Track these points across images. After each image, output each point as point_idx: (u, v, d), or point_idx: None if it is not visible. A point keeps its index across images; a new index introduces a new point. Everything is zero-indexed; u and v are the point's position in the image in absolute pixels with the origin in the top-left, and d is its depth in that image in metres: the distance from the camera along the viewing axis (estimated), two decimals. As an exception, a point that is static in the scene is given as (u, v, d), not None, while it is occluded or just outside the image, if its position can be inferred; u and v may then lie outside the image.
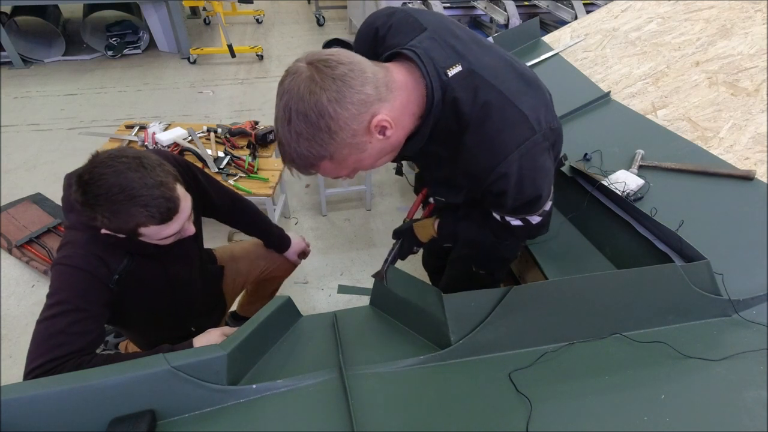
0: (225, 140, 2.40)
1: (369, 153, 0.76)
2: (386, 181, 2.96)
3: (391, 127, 0.73)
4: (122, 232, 0.95)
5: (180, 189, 0.98)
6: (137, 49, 4.67)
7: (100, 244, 0.99)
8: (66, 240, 1.00)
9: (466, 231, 1.08)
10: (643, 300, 0.93)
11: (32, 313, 2.02)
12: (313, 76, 0.68)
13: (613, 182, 1.32)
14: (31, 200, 2.54)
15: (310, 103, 0.68)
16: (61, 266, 0.96)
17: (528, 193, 0.84)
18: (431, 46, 0.79)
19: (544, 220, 0.98)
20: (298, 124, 0.70)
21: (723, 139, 1.35)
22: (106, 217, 0.90)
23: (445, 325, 0.86)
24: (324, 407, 0.78)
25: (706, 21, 1.68)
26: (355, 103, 0.69)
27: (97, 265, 0.98)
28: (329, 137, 0.70)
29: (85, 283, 0.96)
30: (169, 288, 1.17)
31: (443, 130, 0.82)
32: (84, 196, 0.89)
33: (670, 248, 1.14)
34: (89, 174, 0.88)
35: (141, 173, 0.90)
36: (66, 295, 0.94)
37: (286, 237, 1.56)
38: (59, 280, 0.96)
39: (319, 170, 0.77)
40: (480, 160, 0.81)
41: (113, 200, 0.88)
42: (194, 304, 1.29)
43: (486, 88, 0.78)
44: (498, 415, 0.77)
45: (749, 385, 0.81)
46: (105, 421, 0.72)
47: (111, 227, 0.93)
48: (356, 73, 0.69)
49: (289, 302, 0.96)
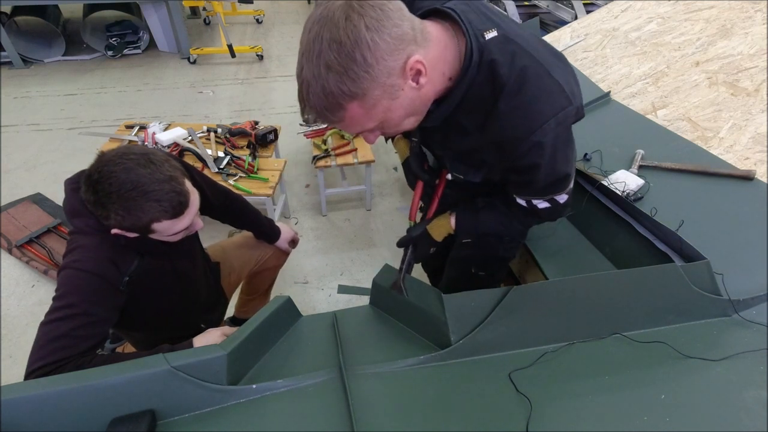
0: (225, 140, 2.40)
1: (400, 102, 0.71)
2: (386, 181, 2.96)
3: (425, 73, 0.69)
4: (136, 228, 0.95)
5: (188, 183, 0.99)
6: (137, 49, 4.67)
7: (110, 246, 0.99)
8: (74, 245, 0.99)
9: (488, 222, 1.05)
10: (643, 300, 0.93)
11: (32, 313, 2.02)
12: (350, 2, 0.62)
13: (613, 182, 1.32)
14: (31, 200, 2.54)
15: (347, 30, 0.61)
16: (70, 270, 0.95)
17: (560, 169, 0.82)
18: (466, 9, 0.77)
19: (570, 199, 0.95)
20: (329, 55, 0.62)
21: (723, 139, 1.35)
22: (120, 215, 0.90)
23: (445, 325, 0.86)
24: (324, 407, 0.78)
25: (706, 21, 1.68)
26: (393, 37, 0.63)
27: (108, 269, 0.98)
28: (364, 71, 0.63)
29: (95, 287, 0.96)
30: (178, 284, 1.18)
31: (475, 96, 0.79)
32: (95, 195, 0.89)
33: (670, 248, 1.14)
34: (98, 173, 0.89)
35: (150, 169, 0.91)
36: (74, 299, 0.93)
37: (275, 227, 1.58)
38: (68, 284, 0.95)
39: (345, 115, 0.69)
40: (514, 128, 0.77)
41: (126, 197, 0.89)
42: (199, 300, 1.30)
43: (523, 55, 0.75)
44: (498, 415, 0.77)
45: (749, 385, 0.81)
46: (105, 421, 0.72)
47: (125, 225, 0.93)
48: (395, 6, 0.65)
49: (289, 302, 0.96)
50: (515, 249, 1.30)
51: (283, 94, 4.02)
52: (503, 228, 1.06)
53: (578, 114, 0.81)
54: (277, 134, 2.50)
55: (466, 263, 1.34)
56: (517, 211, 0.99)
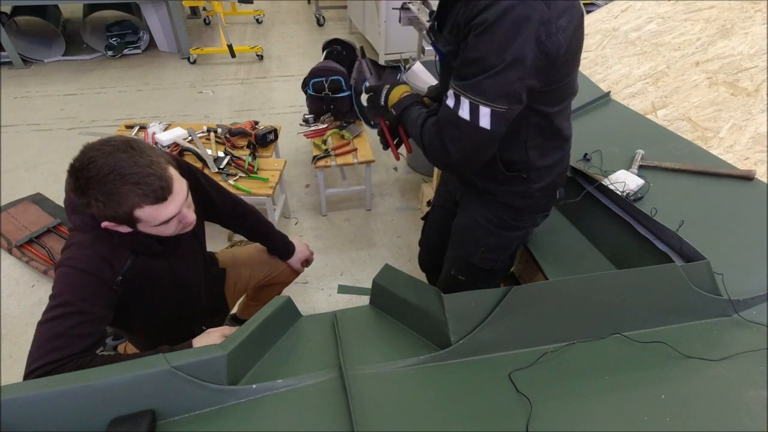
0: (225, 140, 2.40)
1: None
2: (386, 181, 2.96)
3: None
4: (119, 217, 0.91)
5: (173, 170, 0.95)
6: (137, 49, 4.67)
7: (105, 245, 0.99)
8: (70, 242, 0.99)
9: (413, 113, 1.08)
10: (643, 300, 0.93)
11: (32, 313, 2.02)
12: None
13: (613, 182, 1.32)
14: (31, 200, 2.55)
15: None
16: (64, 268, 0.95)
17: (500, 40, 0.82)
18: None
19: (493, 128, 0.90)
20: None
21: (723, 139, 1.35)
22: (101, 201, 0.87)
23: (445, 325, 0.86)
24: (324, 407, 0.78)
25: (706, 21, 1.68)
26: None
27: (101, 267, 0.97)
28: None
29: (89, 286, 0.96)
30: (175, 288, 1.17)
31: None
32: (77, 182, 0.87)
33: (670, 248, 1.14)
34: (80, 161, 0.87)
35: (130, 153, 0.88)
36: (69, 297, 0.93)
37: (290, 244, 1.54)
38: (63, 282, 0.95)
39: None
40: None
41: (104, 181, 0.86)
42: (198, 305, 1.29)
43: None
44: (498, 415, 0.77)
45: (749, 385, 0.81)
46: (105, 421, 0.72)
47: (107, 213, 0.90)
48: None
49: (289, 302, 0.96)
50: (492, 262, 1.27)
51: (283, 94, 4.02)
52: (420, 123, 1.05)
53: (545, 17, 0.82)
54: (277, 134, 2.50)
55: (449, 265, 1.36)
56: (442, 111, 0.96)
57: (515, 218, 1.19)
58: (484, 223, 1.22)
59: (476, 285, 1.30)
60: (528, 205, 1.17)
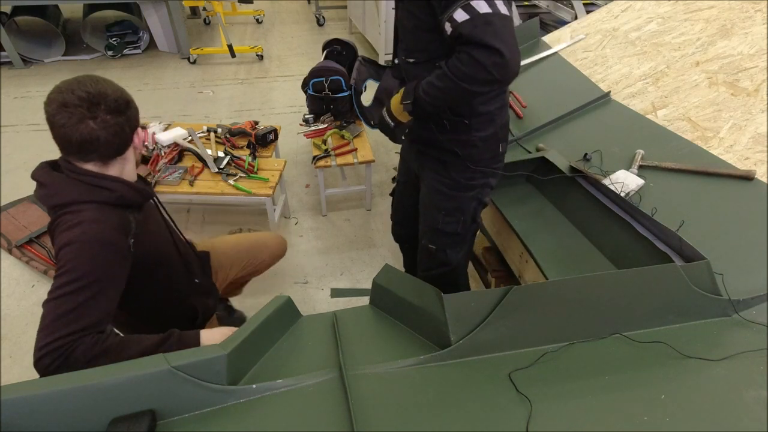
0: (225, 140, 2.40)
1: None
2: (386, 181, 2.96)
3: None
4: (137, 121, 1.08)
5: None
6: (137, 49, 4.67)
7: (109, 212, 0.98)
8: (72, 221, 0.94)
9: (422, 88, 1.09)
10: (643, 300, 0.93)
11: (32, 313, 2.02)
12: None
13: (613, 182, 1.32)
14: (31, 200, 2.54)
15: None
16: (76, 244, 0.91)
17: None
18: None
19: (494, 14, 0.94)
20: None
21: (723, 139, 1.35)
22: (133, 108, 1.09)
23: (445, 325, 0.86)
24: (324, 407, 0.78)
25: (706, 21, 1.68)
26: None
27: (117, 235, 0.97)
28: None
29: (107, 256, 0.94)
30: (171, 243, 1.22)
31: None
32: (109, 107, 1.03)
33: (670, 248, 1.14)
34: (85, 90, 0.99)
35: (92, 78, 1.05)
36: (85, 269, 0.90)
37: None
38: (77, 257, 0.91)
39: None
40: None
41: (117, 93, 1.09)
42: (193, 279, 1.31)
43: None
44: (498, 415, 0.77)
45: (749, 385, 0.81)
46: (105, 421, 0.72)
47: (138, 117, 1.10)
48: None
49: (289, 302, 0.96)
50: (455, 225, 1.36)
51: (283, 94, 4.02)
52: (439, 75, 1.05)
53: None
54: (277, 134, 2.50)
55: (421, 238, 1.46)
56: (468, 32, 0.96)
57: (466, 177, 1.28)
58: (439, 187, 1.32)
59: (446, 253, 1.42)
60: (470, 154, 1.24)
